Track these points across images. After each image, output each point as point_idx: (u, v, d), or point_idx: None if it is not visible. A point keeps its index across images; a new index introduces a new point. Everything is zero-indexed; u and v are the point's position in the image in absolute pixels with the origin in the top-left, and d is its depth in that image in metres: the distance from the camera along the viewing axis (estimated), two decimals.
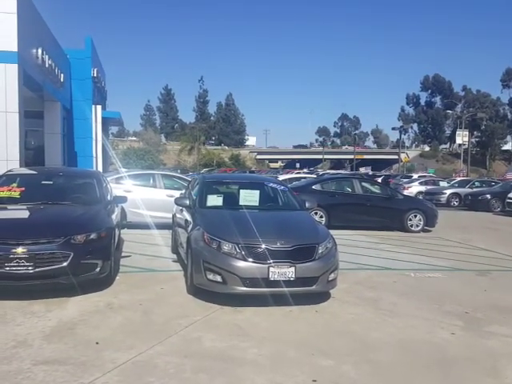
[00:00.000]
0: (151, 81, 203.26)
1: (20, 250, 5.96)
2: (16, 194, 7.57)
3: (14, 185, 7.78)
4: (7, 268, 5.91)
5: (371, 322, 5.86)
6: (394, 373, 4.47)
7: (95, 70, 23.71)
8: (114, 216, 7.96)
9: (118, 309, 6.01)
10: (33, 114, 17.39)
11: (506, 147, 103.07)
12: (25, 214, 7.01)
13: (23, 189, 7.70)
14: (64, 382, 4.04)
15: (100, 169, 21.53)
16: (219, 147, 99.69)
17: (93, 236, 6.52)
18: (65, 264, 6.12)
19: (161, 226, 11.64)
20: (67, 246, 6.19)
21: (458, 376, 4.46)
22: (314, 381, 4.22)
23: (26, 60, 13.29)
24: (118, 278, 7.43)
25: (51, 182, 8.31)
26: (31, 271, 5.98)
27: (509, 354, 5.00)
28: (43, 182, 8.26)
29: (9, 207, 7.31)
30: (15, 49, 12.31)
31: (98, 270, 6.55)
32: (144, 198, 12.44)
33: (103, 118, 23.73)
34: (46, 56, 15.21)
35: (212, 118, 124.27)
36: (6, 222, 6.79)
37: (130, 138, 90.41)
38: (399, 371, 4.52)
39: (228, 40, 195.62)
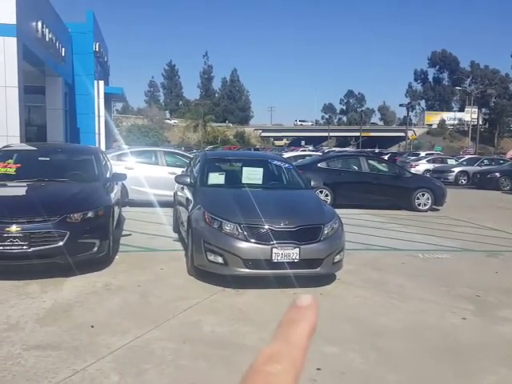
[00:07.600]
0: (155, 56, 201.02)
1: (14, 228, 5.77)
2: (12, 170, 7.34)
3: (10, 161, 7.54)
4: (1, 247, 5.72)
5: (378, 307, 5.63)
6: (402, 361, 4.24)
7: (97, 44, 23.26)
8: (112, 194, 7.73)
9: (116, 290, 5.81)
10: (34, 89, 17.16)
11: None
12: (20, 192, 6.79)
13: (19, 165, 7.47)
14: (55, 368, 3.84)
15: (103, 146, 21.27)
16: (224, 124, 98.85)
17: (90, 214, 6.31)
18: (61, 243, 5.93)
19: (163, 204, 11.42)
20: (63, 225, 5.98)
21: (471, 365, 4.22)
22: (319, 369, 3.99)
23: (26, 33, 12.97)
24: (117, 257, 7.24)
25: (48, 159, 8.06)
26: (26, 250, 5.80)
27: None
28: (40, 159, 8.03)
29: (3, 184, 7.07)
30: (14, 22, 12.01)
31: (95, 249, 6.35)
32: (146, 176, 12.19)
33: (106, 94, 23.36)
34: (47, 29, 14.86)
35: (217, 94, 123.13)
36: (0, 199, 6.58)
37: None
38: (408, 359, 4.29)
39: (232, 15, 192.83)
